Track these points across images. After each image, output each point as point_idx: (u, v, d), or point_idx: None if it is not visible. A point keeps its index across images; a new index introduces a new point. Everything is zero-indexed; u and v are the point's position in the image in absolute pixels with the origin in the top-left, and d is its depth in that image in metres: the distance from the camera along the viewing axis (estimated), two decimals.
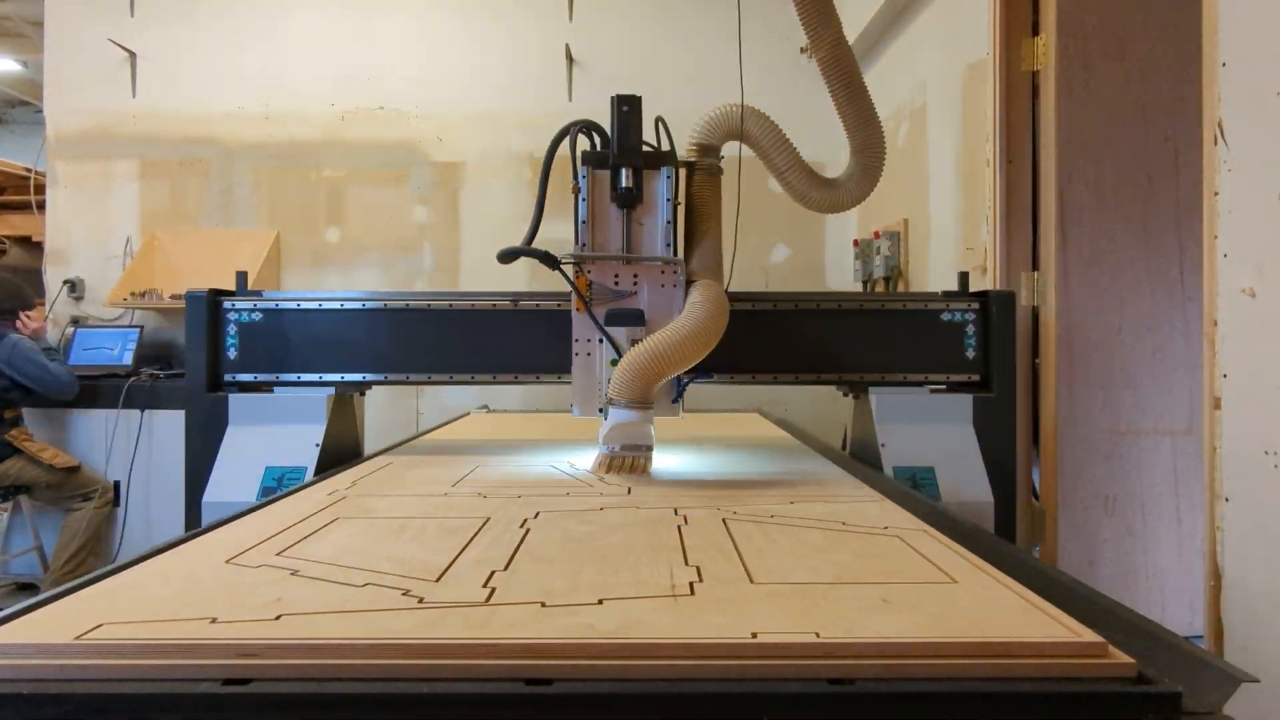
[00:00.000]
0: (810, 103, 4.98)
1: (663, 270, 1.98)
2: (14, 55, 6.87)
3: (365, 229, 5.05)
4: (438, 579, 1.06)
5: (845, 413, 2.59)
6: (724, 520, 1.41)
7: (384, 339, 2.24)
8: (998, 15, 2.93)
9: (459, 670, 0.80)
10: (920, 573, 1.10)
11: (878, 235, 4.08)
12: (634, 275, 1.98)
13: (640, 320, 1.94)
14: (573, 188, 1.98)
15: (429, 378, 2.27)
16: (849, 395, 2.44)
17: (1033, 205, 2.91)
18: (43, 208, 5.10)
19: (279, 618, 0.90)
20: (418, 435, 2.78)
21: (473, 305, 2.26)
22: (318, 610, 0.93)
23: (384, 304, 2.24)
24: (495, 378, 2.26)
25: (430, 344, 2.24)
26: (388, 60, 5.04)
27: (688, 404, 2.08)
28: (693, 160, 2.08)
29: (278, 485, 2.09)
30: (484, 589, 1.01)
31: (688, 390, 2.00)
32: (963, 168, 3.32)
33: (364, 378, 2.26)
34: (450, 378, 2.24)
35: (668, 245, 1.98)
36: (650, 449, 1.92)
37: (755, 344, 2.26)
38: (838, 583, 1.05)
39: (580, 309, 1.97)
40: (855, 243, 4.47)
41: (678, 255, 2.01)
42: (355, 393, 2.38)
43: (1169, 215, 2.81)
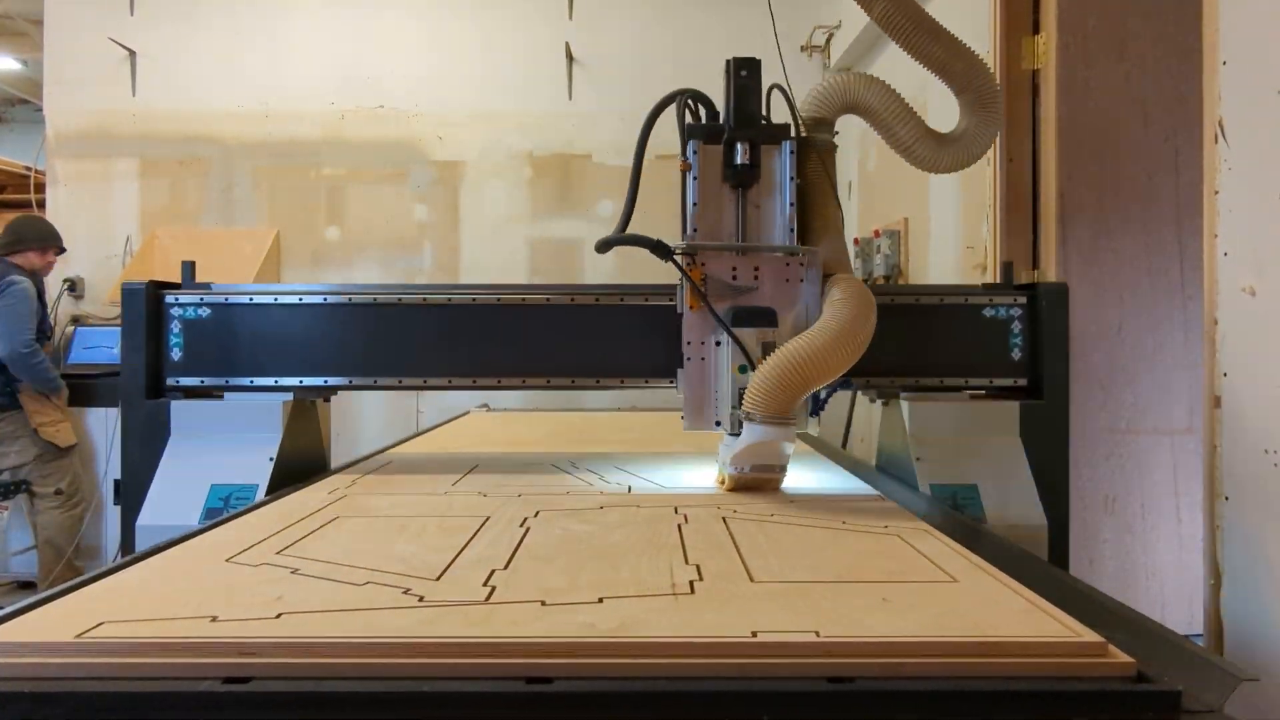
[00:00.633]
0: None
1: (788, 262, 1.73)
2: (14, 54, 6.86)
3: (365, 228, 5.05)
4: (438, 578, 1.06)
5: (872, 420, 2.38)
6: (724, 519, 1.41)
7: (350, 337, 1.98)
8: (998, 14, 2.93)
9: (459, 669, 0.81)
10: (920, 572, 1.10)
11: (878, 234, 4.08)
12: (754, 267, 1.72)
13: (773, 320, 1.68)
14: (682, 164, 1.74)
15: (399, 381, 1.98)
16: (876, 401, 2.16)
17: (1033, 204, 2.91)
18: (43, 206, 5.10)
19: (279, 616, 0.90)
20: (417, 434, 2.78)
21: (449, 300, 1.97)
22: (318, 609, 0.93)
23: (349, 298, 1.97)
24: (476, 381, 1.99)
25: (403, 343, 1.97)
26: (388, 59, 5.04)
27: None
28: (804, 135, 1.81)
29: (224, 506, 1.84)
30: (484, 588, 1.01)
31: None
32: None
33: (326, 381, 1.98)
34: (424, 381, 1.99)
35: (791, 231, 1.72)
36: (784, 470, 1.68)
37: None
38: (838, 581, 1.05)
39: (695, 306, 1.72)
40: (855, 241, 4.47)
41: (812, 244, 1.76)
42: (318, 398, 2.11)
43: (1169, 214, 2.80)
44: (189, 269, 2.06)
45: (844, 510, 1.49)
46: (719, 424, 1.72)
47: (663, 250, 1.68)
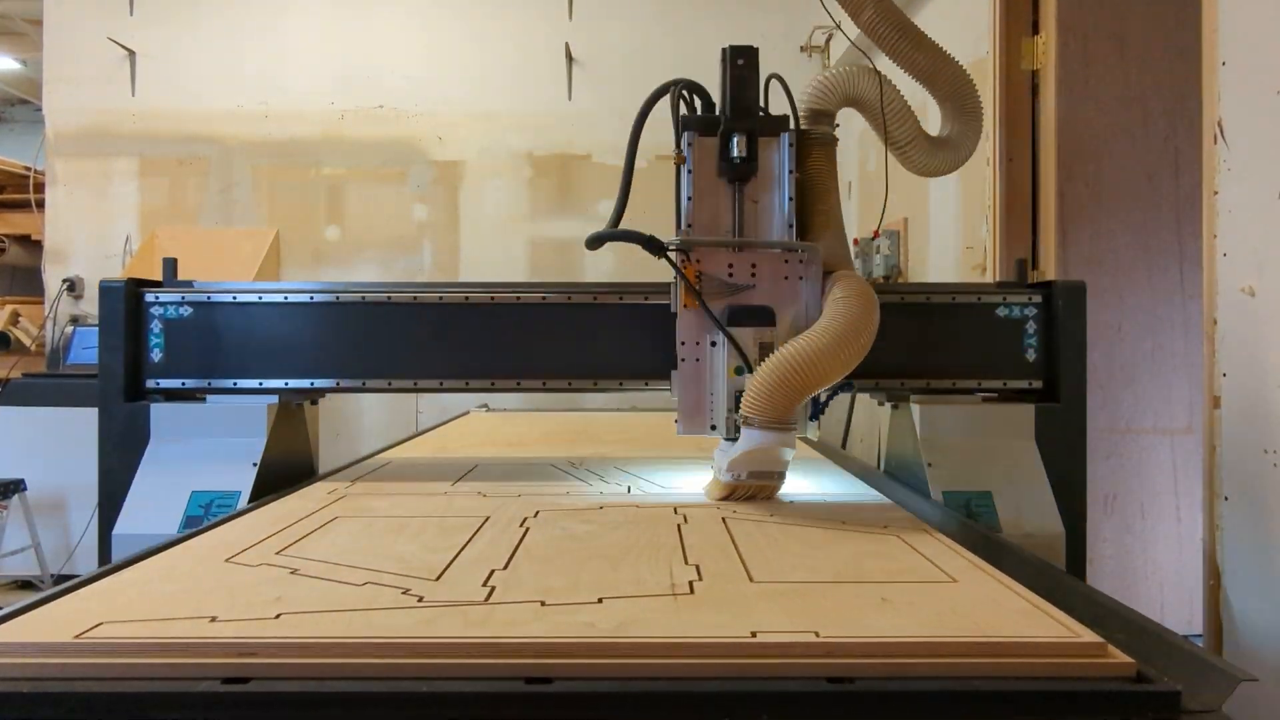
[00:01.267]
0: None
1: (786, 259, 1.66)
2: (13, 54, 6.86)
3: (365, 227, 5.05)
4: (437, 578, 1.06)
5: (880, 424, 2.25)
6: (724, 519, 1.41)
7: (338, 338, 1.90)
8: (998, 14, 2.93)
9: (459, 669, 0.80)
10: (920, 572, 1.10)
11: (877, 234, 4.08)
12: (751, 264, 1.66)
13: (770, 319, 1.62)
14: (676, 157, 1.69)
15: (389, 383, 1.90)
16: (885, 404, 2.09)
17: (1032, 204, 2.91)
18: (42, 206, 5.10)
19: (278, 616, 0.90)
20: (417, 434, 2.78)
21: (440, 298, 1.89)
22: (317, 609, 0.93)
23: (336, 297, 1.89)
24: (468, 384, 1.91)
25: (394, 343, 1.90)
26: (387, 59, 5.04)
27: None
28: (804, 128, 1.75)
29: (204, 514, 1.77)
30: (484, 588, 1.01)
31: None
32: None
33: (313, 383, 1.90)
34: (415, 383, 1.91)
35: (790, 227, 1.67)
36: (783, 476, 1.63)
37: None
38: (837, 582, 1.05)
39: (690, 305, 1.65)
40: (855, 241, 4.47)
41: (806, 239, 1.69)
42: (305, 401, 2.04)
43: (1169, 214, 2.80)
44: (170, 266, 1.98)
45: (843, 511, 1.49)
46: (714, 428, 1.65)
47: (656, 246, 1.62)
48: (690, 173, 1.67)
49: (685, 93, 1.72)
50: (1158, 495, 2.82)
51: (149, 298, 1.90)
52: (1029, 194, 2.92)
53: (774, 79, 1.72)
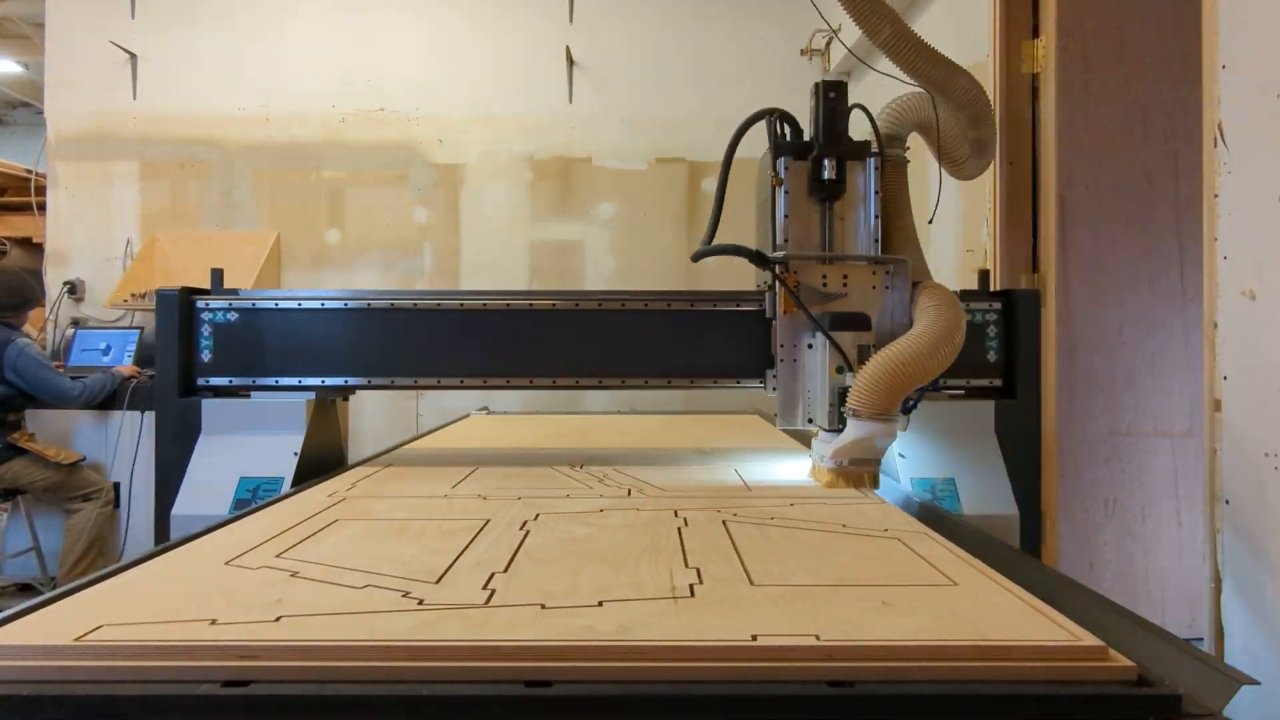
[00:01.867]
0: (811, 105, 4.99)
1: (874, 271, 1.86)
2: (15, 57, 6.87)
3: (366, 230, 5.06)
4: (437, 581, 1.06)
5: None
6: (724, 522, 1.41)
7: (368, 340, 2.11)
8: (998, 17, 2.93)
9: (458, 672, 0.80)
10: (920, 575, 1.10)
11: None
12: (843, 275, 1.87)
13: (867, 324, 1.81)
14: (773, 179, 1.88)
15: (415, 381, 2.11)
16: None
17: (1033, 207, 2.91)
18: (43, 209, 5.10)
19: (279, 619, 0.90)
20: (417, 437, 2.78)
21: (461, 305, 2.10)
22: (317, 612, 0.93)
23: (368, 304, 2.10)
24: (486, 381, 2.10)
25: (418, 345, 2.10)
26: (388, 62, 5.05)
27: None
28: (880, 151, 1.94)
29: (252, 497, 1.97)
30: (484, 591, 1.01)
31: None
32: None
33: (346, 381, 2.11)
34: (438, 381, 2.11)
35: (876, 242, 1.87)
36: (878, 463, 1.79)
37: (756, 346, 2.11)
38: (838, 585, 1.05)
39: (791, 311, 1.86)
40: None
41: (891, 254, 1.89)
42: (338, 397, 2.24)
43: (1169, 217, 2.81)
44: (218, 276, 2.21)
45: (844, 514, 1.49)
46: (811, 421, 1.85)
47: (762, 260, 1.82)
48: (787, 193, 1.87)
49: (778, 120, 1.90)
50: (1159, 498, 2.81)
51: (199, 304, 2.12)
52: (1029, 197, 2.92)
53: (858, 108, 1.91)
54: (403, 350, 2.09)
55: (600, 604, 0.96)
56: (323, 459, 2.16)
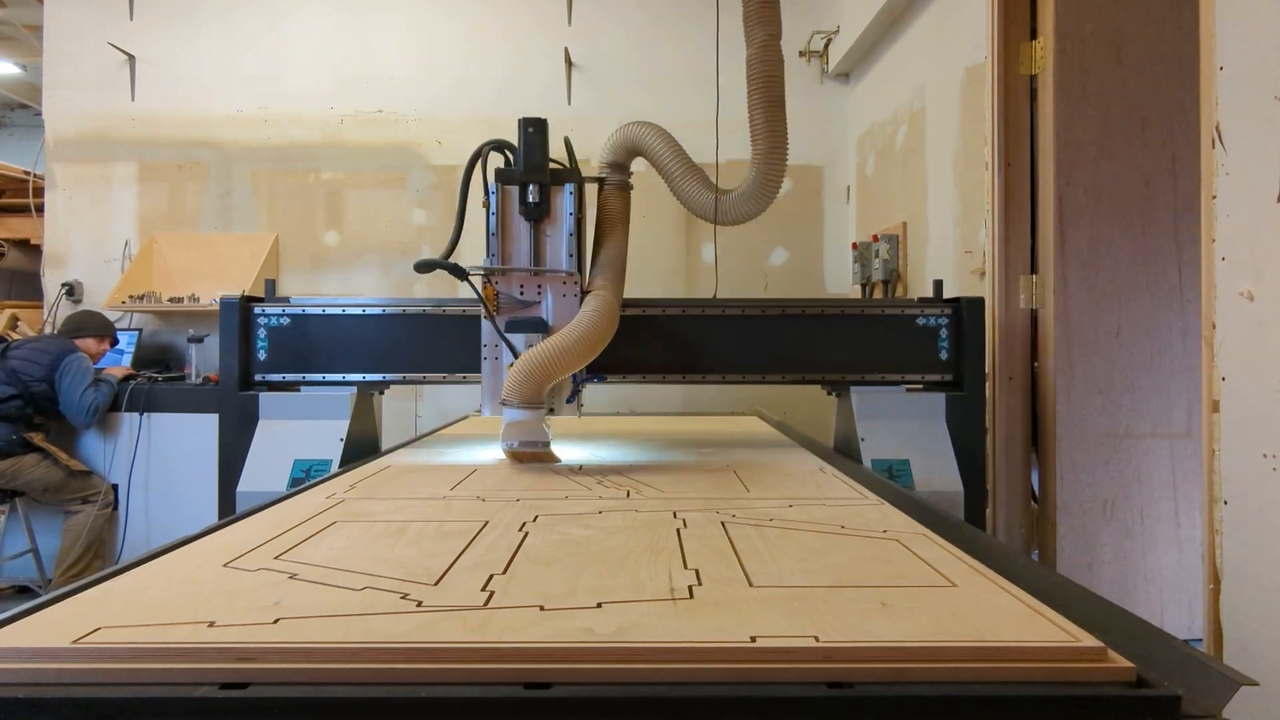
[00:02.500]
0: (809, 106, 4.99)
1: (564, 281, 2.15)
2: (13, 59, 6.87)
3: (364, 232, 5.06)
4: (436, 582, 1.06)
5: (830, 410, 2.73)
6: (723, 523, 1.41)
7: (403, 342, 2.44)
8: (996, 19, 2.94)
9: (457, 674, 0.80)
10: (919, 576, 1.10)
11: (876, 239, 4.08)
12: (538, 286, 2.15)
13: (541, 327, 2.09)
14: (483, 202, 2.13)
15: (444, 377, 2.45)
16: (833, 394, 2.63)
17: (1031, 208, 2.91)
18: (41, 211, 5.10)
19: (277, 621, 0.90)
20: (416, 438, 2.78)
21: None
22: (316, 614, 0.93)
23: (403, 310, 2.45)
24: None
25: (447, 346, 2.42)
26: (387, 64, 5.05)
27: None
28: (604, 176, 2.29)
29: (305, 476, 2.25)
30: (482, 592, 1.01)
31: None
32: (961, 171, 3.32)
33: (384, 378, 2.45)
34: (464, 377, 2.43)
35: (570, 256, 2.15)
36: (547, 444, 2.06)
37: (747, 347, 2.45)
38: (837, 586, 1.05)
39: (487, 317, 2.13)
40: (854, 246, 4.47)
41: (581, 267, 2.18)
42: (375, 391, 2.58)
43: (1167, 218, 2.81)
44: (270, 286, 2.56)
45: (842, 515, 1.49)
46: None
47: (459, 272, 2.05)
48: (493, 214, 2.15)
49: (498, 149, 2.16)
50: (1157, 499, 2.81)
51: (256, 310, 2.44)
52: (1028, 198, 2.92)
53: (565, 139, 2.23)
54: (433, 350, 2.44)
55: (599, 605, 0.96)
56: (363, 444, 2.48)
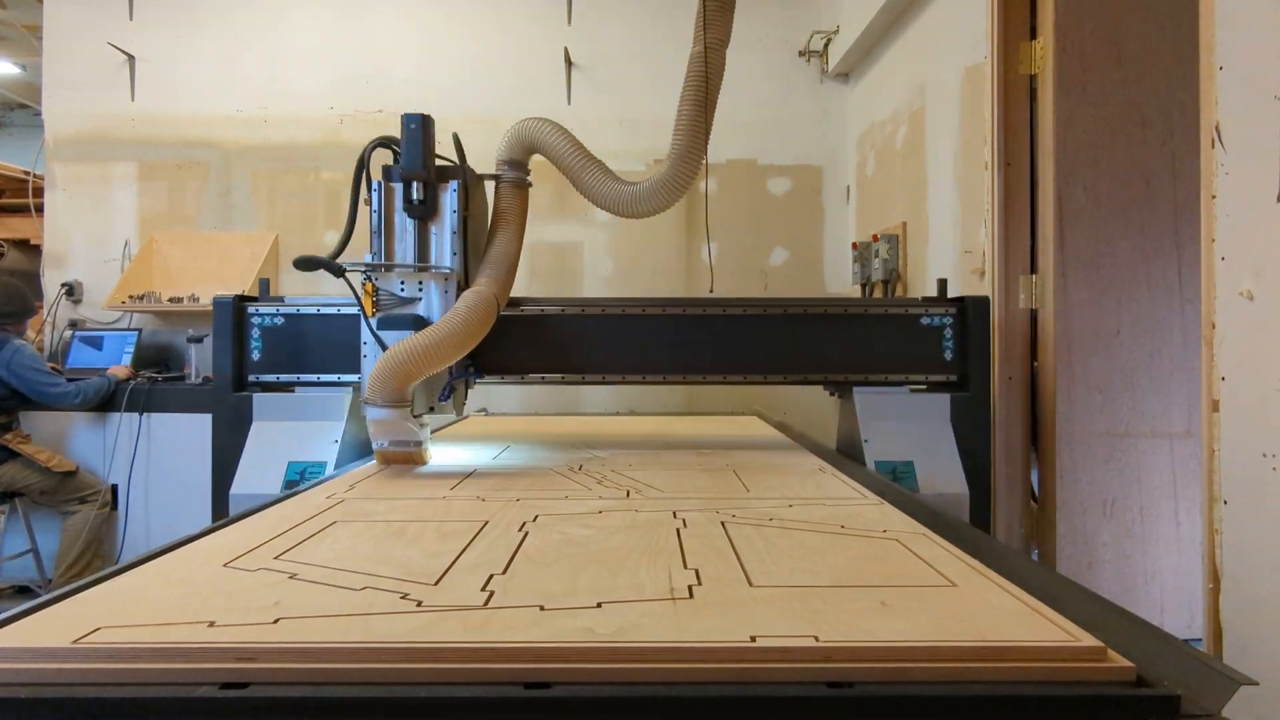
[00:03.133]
0: (809, 106, 4.99)
1: (446, 278, 2.13)
2: (13, 59, 6.87)
3: (363, 231, 5.05)
4: (436, 582, 1.06)
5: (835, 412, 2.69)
6: (723, 523, 1.41)
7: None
8: (996, 19, 2.94)
9: (457, 674, 0.80)
10: (919, 576, 1.10)
11: (876, 238, 4.08)
12: (419, 284, 2.14)
13: (413, 325, 2.03)
14: (364, 199, 2.10)
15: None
16: (835, 395, 2.59)
17: (1031, 208, 2.91)
18: (41, 210, 5.09)
19: (277, 621, 0.90)
20: None
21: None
22: (316, 614, 0.93)
23: None
24: (503, 379, 2.40)
25: None
26: (386, 63, 5.04)
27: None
28: (498, 174, 2.26)
29: (300, 478, 2.20)
30: (482, 592, 1.01)
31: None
32: (961, 171, 3.32)
33: None
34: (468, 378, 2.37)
35: (455, 254, 2.11)
36: (419, 443, 2.03)
37: (748, 346, 2.39)
38: (837, 586, 1.05)
39: (369, 313, 2.11)
40: (854, 245, 4.47)
41: (469, 265, 2.16)
42: None
43: (1167, 218, 2.81)
44: (265, 285, 2.51)
45: (842, 515, 1.49)
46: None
47: (336, 270, 2.00)
48: (376, 212, 2.13)
49: (386, 146, 2.11)
50: (1157, 499, 2.81)
51: (250, 310, 2.39)
52: (1028, 198, 2.92)
53: (454, 135, 2.15)
54: None
55: (599, 605, 0.96)
56: (359, 446, 2.43)
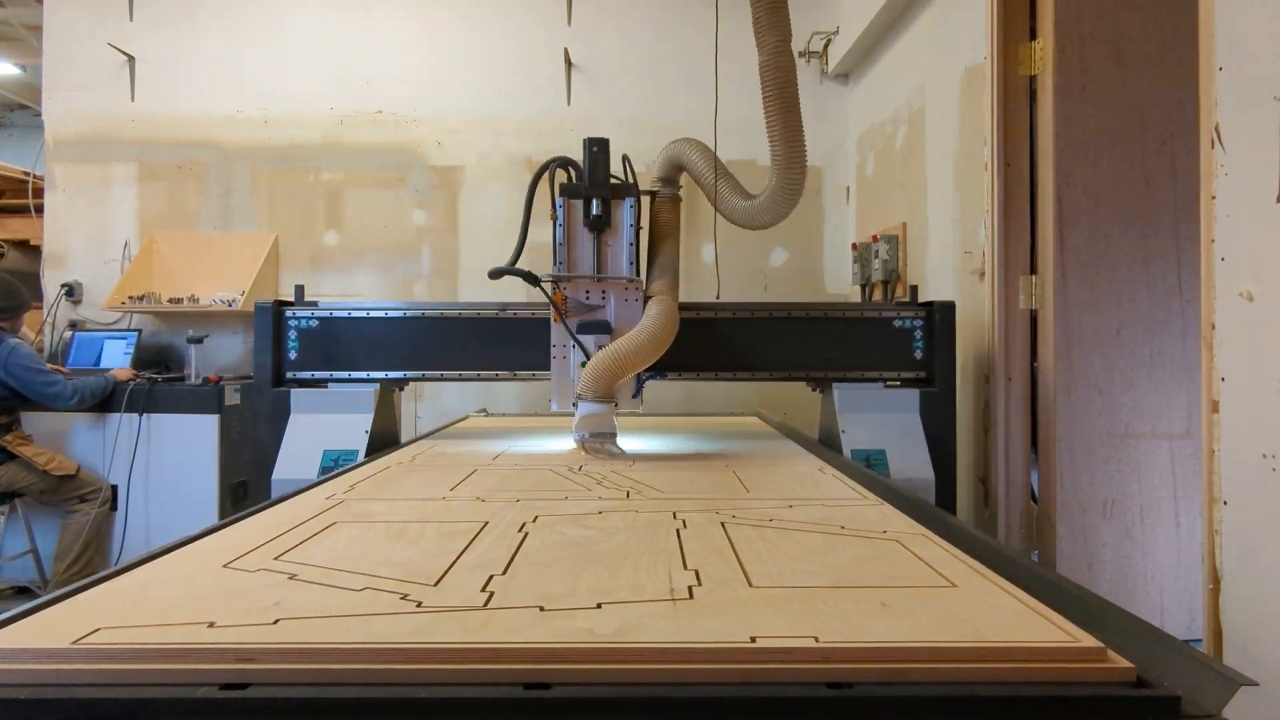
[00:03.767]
0: (808, 106, 4.99)
1: (626, 287, 2.36)
2: (13, 59, 6.87)
3: (364, 232, 5.05)
4: (436, 583, 1.06)
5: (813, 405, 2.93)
6: (722, 524, 1.41)
7: (421, 342, 2.65)
8: (995, 19, 2.94)
9: (457, 675, 0.80)
10: (919, 577, 1.10)
11: (875, 239, 4.08)
12: (602, 291, 2.36)
13: (607, 329, 2.31)
14: (550, 215, 2.31)
15: (460, 375, 2.67)
16: (817, 390, 2.84)
17: (1030, 209, 2.91)
18: (41, 211, 5.09)
19: (277, 622, 0.90)
20: (416, 439, 2.78)
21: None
22: (316, 614, 0.93)
23: (421, 313, 2.66)
24: (516, 374, 2.61)
25: (460, 346, 2.64)
26: (386, 64, 5.04)
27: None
28: (655, 190, 2.53)
29: (335, 465, 2.39)
30: (482, 593, 1.01)
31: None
32: (961, 171, 3.32)
33: (404, 375, 2.67)
34: (478, 374, 2.65)
35: (631, 264, 2.34)
36: (614, 435, 2.25)
37: (743, 347, 2.64)
38: (836, 587, 1.05)
39: (557, 319, 2.33)
40: (853, 246, 4.47)
41: (640, 274, 2.37)
42: (396, 388, 2.79)
43: (1167, 219, 2.81)
44: (300, 291, 2.77)
45: (842, 516, 1.49)
46: (574, 404, 2.31)
47: (532, 279, 2.26)
48: (561, 226, 2.37)
49: (562, 166, 2.39)
50: (1157, 499, 2.81)
51: (288, 313, 2.65)
52: (1027, 198, 2.92)
53: (624, 157, 2.47)
54: (448, 350, 2.66)
55: (599, 606, 0.96)
56: (385, 437, 2.67)
